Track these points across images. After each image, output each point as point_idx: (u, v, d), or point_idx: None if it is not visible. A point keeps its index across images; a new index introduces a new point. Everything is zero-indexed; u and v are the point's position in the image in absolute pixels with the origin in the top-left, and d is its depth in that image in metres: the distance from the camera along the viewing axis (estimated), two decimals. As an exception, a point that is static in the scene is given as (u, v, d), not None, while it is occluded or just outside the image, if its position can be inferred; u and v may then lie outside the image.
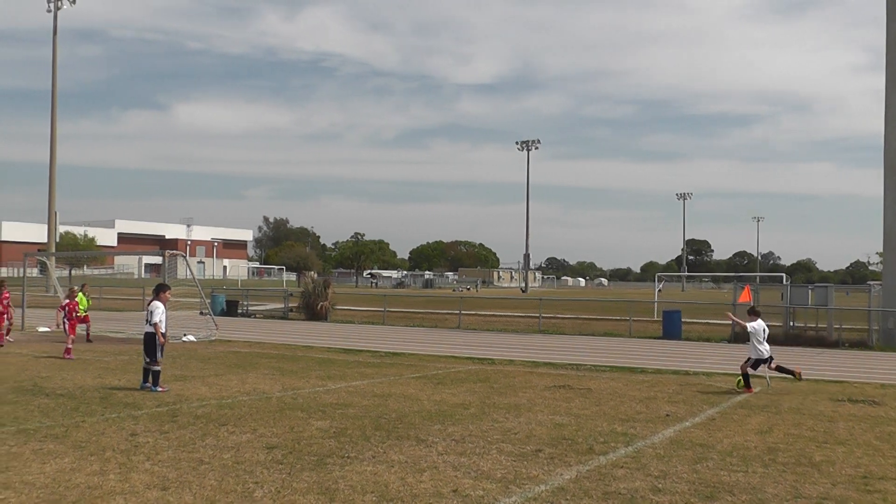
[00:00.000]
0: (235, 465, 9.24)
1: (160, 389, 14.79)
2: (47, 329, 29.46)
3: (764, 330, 16.55)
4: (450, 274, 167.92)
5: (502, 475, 8.91)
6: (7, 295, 25.37)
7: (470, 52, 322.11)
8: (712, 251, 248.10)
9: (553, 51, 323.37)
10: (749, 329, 16.48)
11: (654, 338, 30.29)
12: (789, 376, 17.36)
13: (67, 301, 21.80)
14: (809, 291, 30.05)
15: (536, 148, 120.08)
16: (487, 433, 11.28)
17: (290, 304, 42.48)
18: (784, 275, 56.62)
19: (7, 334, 25.11)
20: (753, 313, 16.97)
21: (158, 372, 15.04)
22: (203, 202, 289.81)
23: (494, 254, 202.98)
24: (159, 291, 15.80)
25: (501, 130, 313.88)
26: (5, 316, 23.87)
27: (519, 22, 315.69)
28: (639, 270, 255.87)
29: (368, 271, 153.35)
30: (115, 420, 11.99)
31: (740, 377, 16.24)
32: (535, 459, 9.70)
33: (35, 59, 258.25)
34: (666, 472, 9.20)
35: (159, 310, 15.29)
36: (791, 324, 29.47)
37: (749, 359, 16.43)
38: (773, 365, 16.66)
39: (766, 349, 16.41)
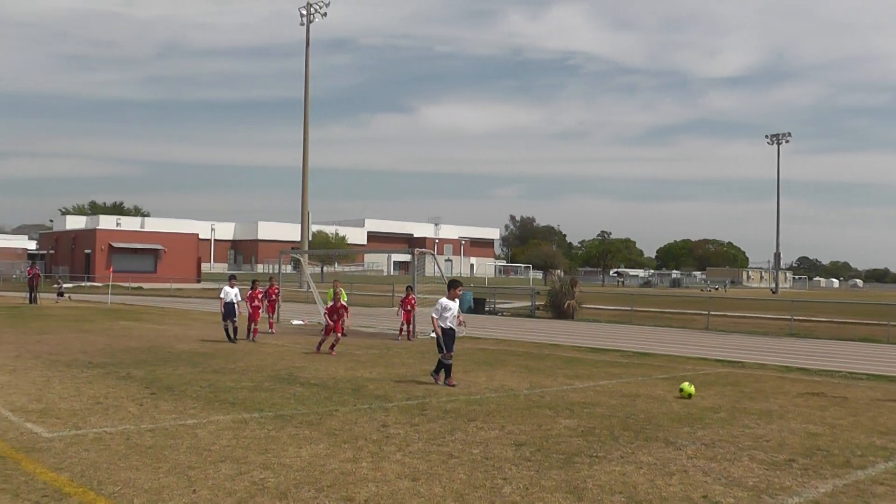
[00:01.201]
0: (484, 460, 9.38)
1: (435, 378, 15.24)
2: (301, 322, 31.11)
3: None
4: (697, 273, 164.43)
5: (754, 483, 8.66)
6: (276, 289, 27.14)
7: (718, 44, 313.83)
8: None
9: (806, 38, 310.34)
10: None
11: (918, 344, 28.48)
12: None
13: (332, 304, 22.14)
14: None
15: (787, 141, 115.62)
16: (738, 439, 11.00)
17: (536, 302, 42.79)
18: None
19: (270, 327, 26.76)
20: None
21: (441, 364, 15.35)
22: (451, 202, 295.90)
23: (743, 253, 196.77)
24: (449, 288, 15.72)
25: (751, 124, 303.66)
26: (259, 309, 25.41)
27: (770, 9, 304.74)
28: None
29: (615, 270, 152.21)
30: (366, 410, 12.46)
31: None
32: (788, 469, 9.36)
33: (290, 70, 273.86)
34: (932, 490, 8.64)
35: (439, 305, 15.42)
36: None
37: None
38: None
39: None
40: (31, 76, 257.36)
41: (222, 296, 23.52)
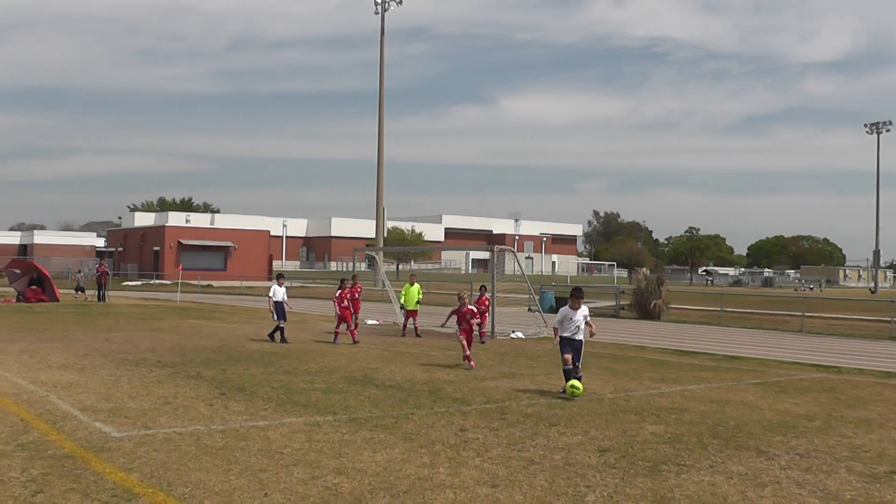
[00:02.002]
0: (566, 466, 9.16)
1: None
2: (375, 322, 31.02)
3: None
4: (791, 272, 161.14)
5: (851, 497, 8.23)
6: (359, 288, 26.90)
7: (813, 26, 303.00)
8: None
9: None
10: None
11: None
12: None
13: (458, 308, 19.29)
14: None
15: (888, 130, 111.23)
16: (834, 449, 10.51)
17: (621, 302, 42.20)
18: None
19: (356, 327, 26.56)
20: None
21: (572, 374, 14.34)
22: (531, 196, 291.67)
23: (840, 250, 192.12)
24: (570, 297, 14.70)
25: (849, 112, 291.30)
26: (348, 310, 25.11)
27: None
28: None
29: (703, 268, 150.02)
30: (444, 414, 12.27)
31: None
32: (888, 482, 8.88)
33: (364, 60, 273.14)
34: None
35: (560, 315, 14.60)
36: None
37: None
38: None
39: None
40: (102, 71, 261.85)
41: (271, 294, 23.29)
